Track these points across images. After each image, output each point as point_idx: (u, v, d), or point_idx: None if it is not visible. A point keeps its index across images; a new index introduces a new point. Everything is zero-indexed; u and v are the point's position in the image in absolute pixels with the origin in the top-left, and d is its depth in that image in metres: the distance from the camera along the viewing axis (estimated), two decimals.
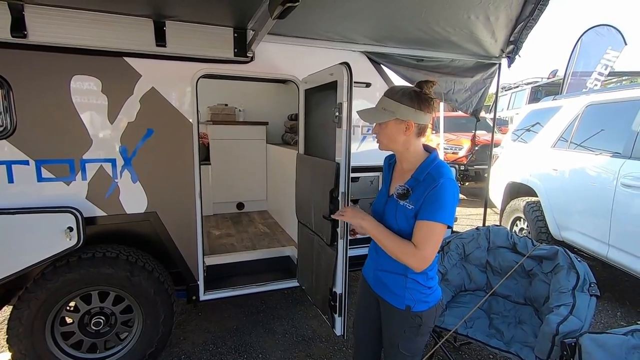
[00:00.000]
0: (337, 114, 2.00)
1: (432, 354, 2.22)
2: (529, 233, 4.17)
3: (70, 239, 2.06)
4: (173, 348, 2.62)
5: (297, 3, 1.46)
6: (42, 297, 2.05)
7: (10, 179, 2.04)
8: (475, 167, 7.20)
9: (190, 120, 2.38)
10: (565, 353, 1.58)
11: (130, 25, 2.13)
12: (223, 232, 3.81)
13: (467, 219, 6.07)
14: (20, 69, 2.00)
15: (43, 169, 2.10)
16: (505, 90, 11.35)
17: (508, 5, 2.57)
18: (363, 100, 2.84)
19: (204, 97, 3.31)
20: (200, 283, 2.58)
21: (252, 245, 3.36)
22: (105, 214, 2.25)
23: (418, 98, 1.34)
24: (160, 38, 2.19)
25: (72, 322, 2.24)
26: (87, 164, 2.18)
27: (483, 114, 5.79)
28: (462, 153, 7.64)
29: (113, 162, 2.23)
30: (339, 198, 2.05)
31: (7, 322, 2.06)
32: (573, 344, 1.57)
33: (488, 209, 3.78)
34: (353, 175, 2.11)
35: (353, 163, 2.08)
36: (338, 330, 2.20)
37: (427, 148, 1.45)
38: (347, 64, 1.96)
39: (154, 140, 2.30)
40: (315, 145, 2.54)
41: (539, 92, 9.82)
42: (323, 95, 2.33)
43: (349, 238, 2.12)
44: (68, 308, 2.23)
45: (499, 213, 4.87)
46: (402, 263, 1.36)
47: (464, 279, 2.56)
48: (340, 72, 1.98)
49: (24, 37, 1.94)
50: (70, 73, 2.09)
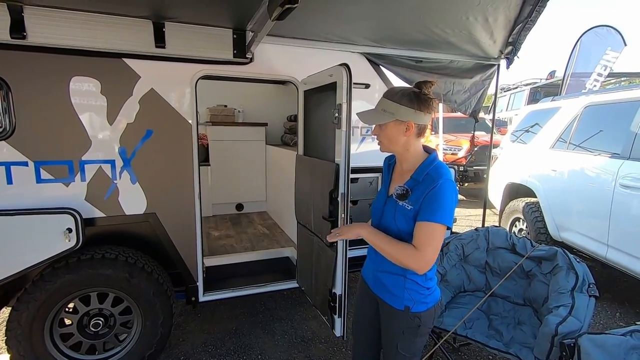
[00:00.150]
0: (336, 115, 2.01)
1: (431, 355, 2.22)
2: (528, 234, 4.18)
3: (69, 240, 2.06)
4: (172, 349, 2.62)
5: (296, 4, 1.46)
6: (41, 298, 2.04)
7: (10, 180, 2.04)
8: (475, 168, 7.22)
9: (190, 121, 2.38)
10: (565, 354, 1.59)
11: (130, 27, 2.13)
12: (222, 233, 3.81)
13: (466, 220, 6.07)
14: (20, 70, 2.00)
15: (42, 170, 2.10)
16: (504, 91, 11.37)
17: (506, 7, 2.57)
18: (362, 102, 2.85)
19: (203, 98, 3.31)
20: (200, 284, 2.58)
21: (251, 246, 3.36)
22: (105, 215, 2.25)
23: (417, 99, 1.35)
24: (160, 39, 2.19)
25: (71, 323, 2.23)
26: (86, 165, 2.18)
27: (482, 115, 5.77)
28: (461, 154, 7.66)
29: (112, 163, 2.23)
30: (339, 199, 2.05)
31: (5, 323, 2.05)
32: (572, 345, 1.57)
33: (487, 210, 3.79)
34: (352, 177, 2.11)
35: (352, 164, 2.08)
36: (338, 331, 2.20)
37: (426, 149, 1.45)
38: (346, 65, 1.96)
39: (153, 142, 2.30)
40: (315, 146, 2.54)
41: (538, 93, 9.83)
42: (322, 97, 2.33)
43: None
44: (67, 309, 2.22)
45: (498, 214, 4.87)
46: (404, 267, 1.36)
47: (463, 280, 2.57)
48: (340, 73, 1.98)
49: (23, 38, 1.94)
50: (70, 74, 2.09)
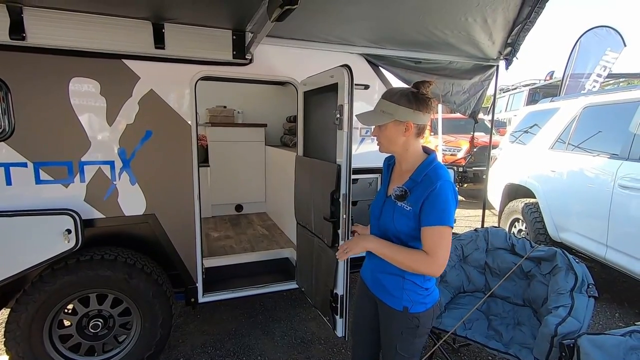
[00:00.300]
0: (338, 116, 2.00)
1: (431, 355, 2.22)
2: (527, 234, 4.18)
3: (69, 242, 2.05)
4: (172, 350, 2.62)
5: (295, 6, 1.46)
6: (40, 299, 2.04)
7: (9, 181, 2.04)
8: (474, 168, 7.22)
9: (189, 122, 2.38)
10: (564, 354, 1.59)
11: (129, 28, 2.13)
12: (222, 234, 3.81)
13: (465, 221, 6.07)
14: (19, 71, 2.00)
15: (41, 171, 2.09)
16: (503, 92, 11.38)
17: (505, 8, 2.58)
18: (361, 102, 2.84)
19: (203, 99, 3.30)
20: (199, 285, 2.57)
21: (250, 247, 3.36)
22: (104, 216, 2.25)
23: (416, 99, 1.35)
24: (159, 40, 2.19)
25: (70, 324, 2.23)
26: (85, 166, 2.18)
27: (481, 116, 5.80)
28: (460, 155, 7.66)
29: (111, 164, 2.23)
30: (340, 200, 2.05)
31: (4, 325, 2.05)
32: (571, 345, 1.57)
33: (486, 211, 3.79)
34: (352, 177, 2.11)
35: (352, 165, 2.08)
36: (339, 332, 2.19)
37: (426, 150, 1.45)
38: (347, 66, 1.95)
39: (153, 143, 2.30)
40: (315, 147, 2.54)
41: (537, 93, 9.85)
42: (323, 98, 2.33)
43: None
44: (66, 311, 2.22)
45: (498, 214, 4.87)
46: (417, 273, 1.37)
47: (463, 281, 2.57)
48: (341, 74, 1.98)
49: (23, 39, 1.94)
50: (69, 75, 2.08)
